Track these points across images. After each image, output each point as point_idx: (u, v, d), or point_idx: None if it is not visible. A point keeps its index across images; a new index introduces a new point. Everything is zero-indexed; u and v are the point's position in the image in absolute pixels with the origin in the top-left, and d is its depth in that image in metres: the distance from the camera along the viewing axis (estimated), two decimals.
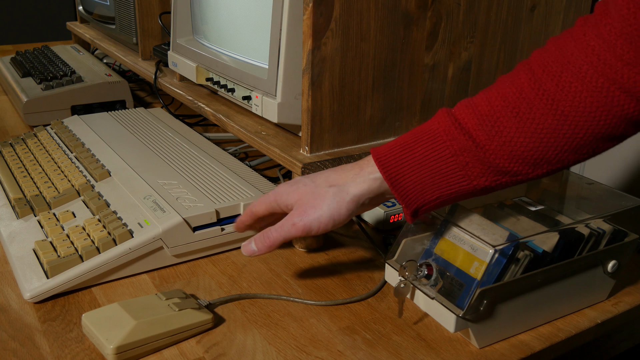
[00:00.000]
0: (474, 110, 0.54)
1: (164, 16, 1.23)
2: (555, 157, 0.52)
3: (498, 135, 0.52)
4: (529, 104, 0.51)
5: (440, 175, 0.54)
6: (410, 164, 0.55)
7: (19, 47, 1.79)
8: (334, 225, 0.59)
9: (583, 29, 0.50)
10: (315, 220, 0.59)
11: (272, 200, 0.63)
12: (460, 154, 0.53)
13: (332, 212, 0.58)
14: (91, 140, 0.95)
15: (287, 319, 0.62)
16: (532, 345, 0.59)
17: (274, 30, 0.75)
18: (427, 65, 0.80)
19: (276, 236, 0.61)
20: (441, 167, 0.54)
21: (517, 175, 0.53)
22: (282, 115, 0.77)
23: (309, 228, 0.59)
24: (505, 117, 0.52)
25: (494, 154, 0.52)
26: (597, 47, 0.48)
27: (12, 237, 0.72)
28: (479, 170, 0.53)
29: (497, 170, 0.53)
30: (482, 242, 0.56)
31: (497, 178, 0.54)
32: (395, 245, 0.64)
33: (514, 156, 0.52)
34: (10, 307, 0.63)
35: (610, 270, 0.64)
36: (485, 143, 0.52)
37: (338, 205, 0.58)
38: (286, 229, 0.60)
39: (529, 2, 0.87)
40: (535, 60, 0.52)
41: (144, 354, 0.56)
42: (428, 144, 0.55)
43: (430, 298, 0.59)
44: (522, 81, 0.52)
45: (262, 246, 0.62)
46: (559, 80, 0.50)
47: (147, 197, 0.75)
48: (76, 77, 1.20)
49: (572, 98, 0.49)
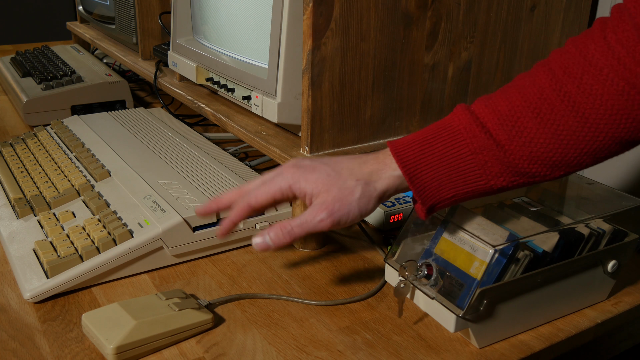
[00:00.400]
0: (494, 109, 0.53)
1: (164, 16, 1.23)
2: (575, 159, 0.51)
3: (518, 135, 0.52)
4: (550, 105, 0.51)
5: (458, 173, 0.54)
6: (428, 160, 0.55)
7: (19, 47, 1.79)
8: (360, 218, 0.57)
9: (603, 32, 0.50)
10: (345, 216, 0.56)
11: (284, 189, 0.57)
12: (480, 152, 0.53)
13: (361, 207, 0.56)
14: (91, 140, 0.95)
15: (287, 319, 0.62)
16: (532, 345, 0.59)
17: (274, 30, 0.75)
18: (427, 65, 0.80)
19: (299, 232, 0.56)
20: (459, 165, 0.54)
21: (535, 176, 0.53)
22: (282, 115, 0.77)
23: (337, 224, 0.56)
24: (526, 117, 0.52)
25: (513, 154, 0.52)
26: (617, 51, 0.48)
27: (12, 237, 0.72)
28: (498, 170, 0.53)
29: (516, 171, 0.53)
30: (482, 242, 0.56)
31: (515, 179, 0.53)
32: (395, 245, 0.64)
33: (533, 157, 0.52)
34: (10, 307, 0.63)
35: (610, 270, 0.64)
36: (506, 143, 0.52)
37: (367, 201, 0.56)
38: (312, 224, 0.55)
39: (529, 2, 0.87)
40: (555, 61, 0.52)
41: (144, 354, 0.56)
42: (447, 140, 0.54)
43: (430, 298, 0.59)
44: (543, 81, 0.52)
45: (281, 242, 0.56)
46: (580, 82, 0.50)
47: (147, 197, 0.75)
48: (76, 77, 1.20)
49: (593, 100, 0.49)
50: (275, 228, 0.56)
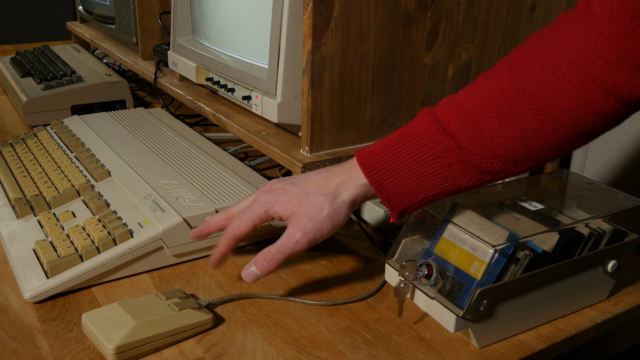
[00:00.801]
0: (455, 110, 0.54)
1: (163, 16, 1.23)
2: (537, 154, 0.52)
3: (480, 136, 0.52)
4: (509, 105, 0.51)
5: (424, 177, 0.55)
6: (393, 167, 0.56)
7: (19, 47, 1.79)
8: (334, 231, 0.60)
9: (563, 26, 0.50)
10: (318, 232, 0.59)
11: (261, 215, 0.61)
12: (443, 155, 0.54)
13: (332, 220, 0.59)
14: (91, 140, 0.95)
15: (287, 318, 0.62)
16: (532, 345, 0.59)
17: (274, 30, 0.75)
18: (427, 65, 0.80)
19: (280, 257, 0.59)
20: (425, 169, 0.55)
21: (499, 173, 0.54)
22: (282, 115, 0.77)
23: (313, 241, 0.59)
24: (486, 117, 0.52)
25: (476, 154, 0.53)
26: (577, 44, 0.48)
27: (12, 237, 0.72)
28: (462, 170, 0.54)
29: (480, 170, 0.53)
30: (482, 242, 0.56)
31: (480, 177, 0.54)
32: (395, 245, 0.64)
33: (496, 156, 0.52)
34: (10, 307, 0.63)
35: (610, 270, 0.64)
36: (468, 144, 0.53)
37: (336, 213, 0.59)
38: (290, 247, 0.59)
39: (528, 2, 0.87)
40: (515, 58, 0.52)
41: (144, 353, 0.56)
42: (411, 145, 0.55)
43: (430, 298, 0.59)
44: (503, 81, 0.52)
45: (267, 270, 0.60)
46: (539, 79, 0.50)
47: (147, 197, 0.75)
48: (76, 77, 1.20)
49: (553, 97, 0.49)
50: (259, 258, 0.60)
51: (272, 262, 0.59)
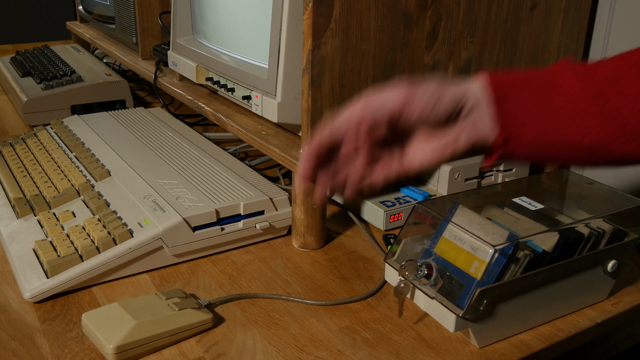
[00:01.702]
0: (596, 65, 0.51)
1: (163, 16, 1.23)
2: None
3: (620, 93, 0.49)
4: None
5: (549, 110, 0.50)
6: (520, 91, 0.51)
7: (19, 47, 1.80)
8: (435, 110, 0.51)
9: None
10: (420, 90, 0.50)
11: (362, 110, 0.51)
12: (576, 99, 0.49)
13: (438, 88, 0.51)
14: (91, 140, 0.95)
15: (287, 318, 0.62)
16: (532, 345, 0.59)
17: (274, 30, 0.75)
18: (427, 65, 0.80)
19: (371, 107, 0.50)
20: (553, 104, 0.50)
21: (631, 139, 0.49)
22: (282, 115, 0.77)
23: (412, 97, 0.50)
24: (629, 76, 0.49)
25: (611, 108, 0.49)
26: None
27: (12, 237, 0.72)
28: (590, 122, 0.49)
29: (611, 127, 0.49)
30: (482, 242, 0.56)
31: (609, 134, 0.49)
32: (395, 245, 0.64)
33: (633, 118, 0.49)
34: (10, 307, 0.63)
35: (610, 270, 0.64)
36: (607, 98, 0.49)
37: (442, 89, 0.51)
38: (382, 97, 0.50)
39: (528, 2, 0.87)
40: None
41: (144, 353, 0.56)
42: (546, 78, 0.51)
43: (430, 298, 0.59)
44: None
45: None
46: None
47: (147, 196, 0.75)
48: (76, 76, 1.20)
49: None
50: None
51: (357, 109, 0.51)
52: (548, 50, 0.93)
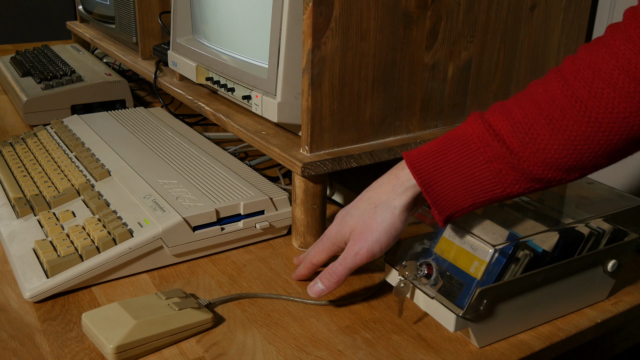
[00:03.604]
0: (507, 116, 0.53)
1: (163, 15, 1.23)
2: (590, 162, 0.51)
3: (532, 142, 0.51)
4: (562, 111, 0.51)
5: (473, 182, 0.54)
6: (443, 170, 0.55)
7: (19, 47, 1.80)
8: (395, 239, 0.60)
9: (612, 35, 0.50)
10: (376, 243, 0.59)
11: (330, 245, 0.64)
12: (494, 160, 0.53)
13: (388, 229, 0.59)
14: (91, 139, 0.95)
15: (287, 318, 0.62)
16: (532, 345, 0.59)
17: (273, 30, 0.75)
18: (427, 64, 0.80)
19: (342, 270, 0.61)
20: (474, 174, 0.54)
21: (551, 181, 0.53)
22: (282, 115, 0.77)
23: (372, 252, 0.60)
24: (538, 124, 0.51)
25: (527, 161, 0.52)
26: (628, 51, 0.48)
27: (12, 237, 0.72)
28: (513, 177, 0.53)
29: (532, 177, 0.53)
30: (482, 242, 0.56)
31: (530, 185, 0.53)
32: (395, 245, 0.64)
33: (547, 163, 0.52)
34: (10, 307, 0.63)
35: (610, 269, 0.64)
36: (519, 150, 0.52)
37: (391, 221, 0.59)
38: (350, 260, 0.61)
39: (528, 2, 0.87)
40: (566, 67, 0.52)
41: (144, 353, 0.56)
42: (462, 150, 0.54)
43: (430, 297, 0.59)
44: (555, 88, 0.51)
45: (330, 283, 0.62)
46: (591, 86, 0.49)
47: (147, 196, 0.75)
48: (76, 76, 1.20)
49: (605, 105, 0.49)
50: (324, 274, 0.63)
51: (335, 275, 0.62)
52: (548, 50, 0.93)
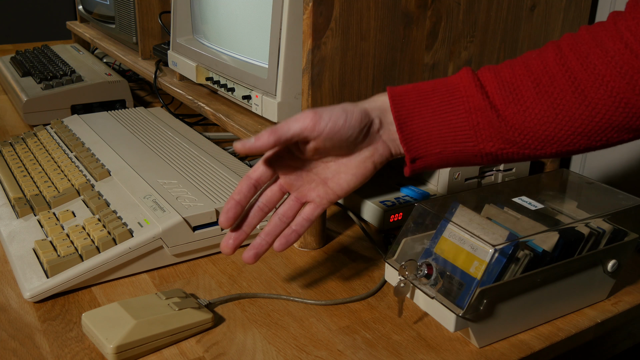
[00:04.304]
0: (496, 74, 0.54)
1: (163, 15, 1.23)
2: (567, 137, 0.52)
3: (514, 102, 0.52)
4: (550, 77, 0.51)
5: (448, 128, 0.54)
6: (421, 111, 0.54)
7: (19, 47, 1.80)
8: (345, 126, 0.53)
9: (614, 20, 0.50)
10: (327, 111, 0.52)
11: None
12: (474, 112, 0.53)
13: (345, 108, 0.53)
14: (91, 139, 0.95)
15: (287, 318, 0.62)
16: (532, 345, 0.59)
17: (273, 30, 0.75)
18: (427, 64, 0.80)
19: (271, 132, 0.51)
20: (452, 120, 0.53)
21: (524, 148, 0.53)
22: (282, 115, 0.77)
23: (313, 116, 0.52)
24: (525, 85, 0.52)
25: (506, 120, 0.52)
26: (627, 37, 0.48)
27: (12, 237, 0.72)
28: (488, 133, 0.53)
29: (506, 138, 0.53)
30: (482, 242, 0.56)
31: (504, 146, 0.53)
32: (395, 245, 0.64)
33: (525, 127, 0.52)
34: (10, 307, 0.63)
35: (610, 269, 0.64)
36: (501, 107, 0.52)
37: (351, 108, 0.54)
38: (288, 122, 0.52)
39: (528, 2, 0.87)
40: (565, 40, 0.53)
41: (144, 353, 0.56)
42: (445, 96, 0.54)
43: (430, 297, 0.59)
44: (549, 55, 0.52)
45: (259, 139, 0.51)
46: (585, 60, 0.50)
47: (147, 196, 0.75)
48: (76, 76, 1.20)
49: (594, 79, 0.49)
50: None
51: (265, 133, 0.52)
52: None
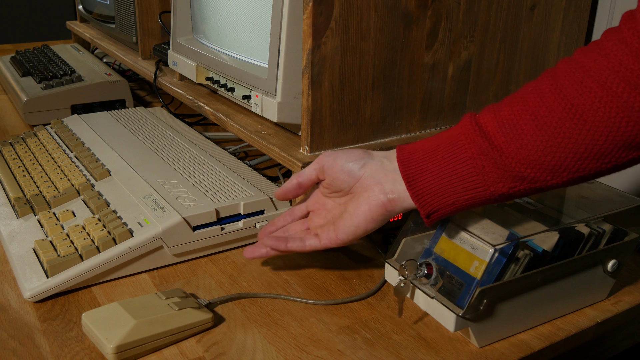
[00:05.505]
0: (495, 114, 0.54)
1: (163, 15, 1.23)
2: (575, 164, 0.51)
3: (516, 138, 0.52)
4: (548, 108, 0.51)
5: (457, 179, 0.54)
6: (429, 166, 0.56)
7: (19, 47, 1.80)
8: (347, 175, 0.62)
9: (607, 36, 0.50)
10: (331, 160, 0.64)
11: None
12: (478, 157, 0.53)
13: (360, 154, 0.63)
14: (91, 139, 0.95)
15: (287, 318, 0.62)
16: (532, 345, 0.59)
17: (273, 30, 0.75)
18: (427, 64, 0.80)
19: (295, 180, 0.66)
20: (458, 170, 0.54)
21: (534, 182, 0.52)
22: (282, 115, 0.77)
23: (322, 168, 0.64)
24: (523, 120, 0.52)
25: (510, 157, 0.52)
26: (619, 52, 0.48)
27: (12, 237, 0.72)
28: (496, 175, 0.53)
29: (514, 175, 0.52)
30: (482, 242, 0.56)
31: (514, 184, 0.53)
32: (395, 245, 0.64)
33: (531, 161, 0.51)
34: (10, 307, 0.63)
35: (610, 269, 0.64)
36: (503, 146, 0.52)
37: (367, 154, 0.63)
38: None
39: (528, 2, 0.87)
40: (559, 67, 0.52)
41: (144, 353, 0.56)
42: (449, 147, 0.55)
43: (430, 297, 0.59)
44: (544, 87, 0.52)
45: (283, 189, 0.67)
46: (580, 85, 0.49)
47: (147, 196, 0.75)
48: (76, 76, 1.20)
49: (592, 103, 0.49)
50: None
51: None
52: (548, 49, 0.93)
